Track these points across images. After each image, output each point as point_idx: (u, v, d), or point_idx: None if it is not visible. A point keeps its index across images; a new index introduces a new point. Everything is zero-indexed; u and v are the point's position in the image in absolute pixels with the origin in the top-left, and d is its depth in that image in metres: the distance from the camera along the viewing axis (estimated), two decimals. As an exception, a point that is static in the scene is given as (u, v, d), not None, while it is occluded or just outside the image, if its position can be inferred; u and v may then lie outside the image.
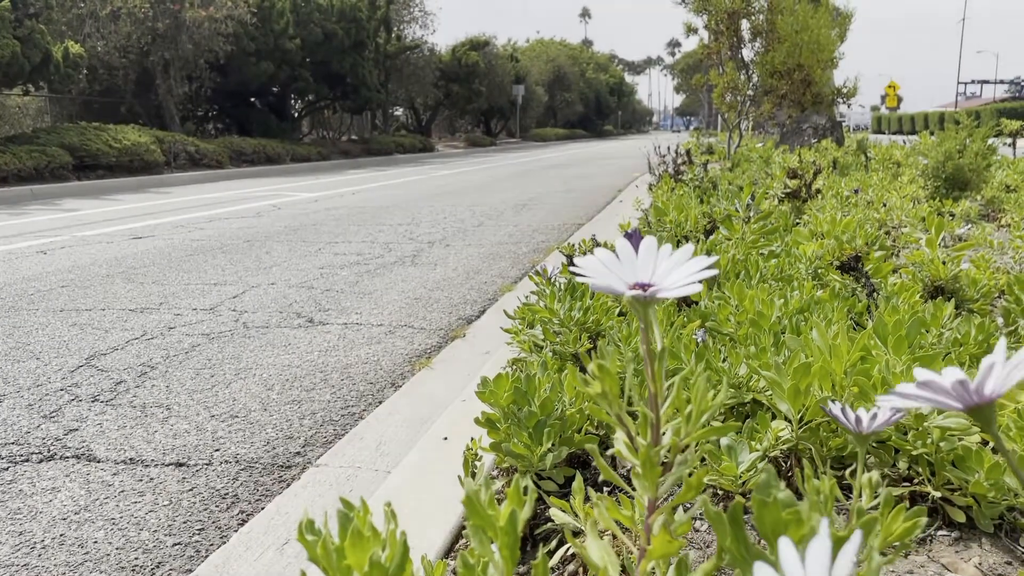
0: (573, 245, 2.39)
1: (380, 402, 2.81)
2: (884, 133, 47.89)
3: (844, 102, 11.01)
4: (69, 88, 16.73)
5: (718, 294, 1.92)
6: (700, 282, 0.52)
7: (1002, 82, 73.58)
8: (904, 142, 10.08)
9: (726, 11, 9.70)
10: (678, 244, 2.38)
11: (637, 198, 6.90)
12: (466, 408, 2.26)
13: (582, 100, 60.53)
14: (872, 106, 74.16)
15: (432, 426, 2.20)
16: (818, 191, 4.98)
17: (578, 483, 1.20)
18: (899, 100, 46.18)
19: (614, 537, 1.21)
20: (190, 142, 17.03)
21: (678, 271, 0.55)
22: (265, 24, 21.19)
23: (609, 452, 0.62)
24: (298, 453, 2.39)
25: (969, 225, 4.60)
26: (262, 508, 2.03)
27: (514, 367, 2.25)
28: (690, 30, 11.24)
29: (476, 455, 1.38)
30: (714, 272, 0.57)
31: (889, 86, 45.61)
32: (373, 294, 4.61)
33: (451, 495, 1.64)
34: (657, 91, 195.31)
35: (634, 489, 0.61)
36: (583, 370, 1.61)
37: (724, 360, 1.52)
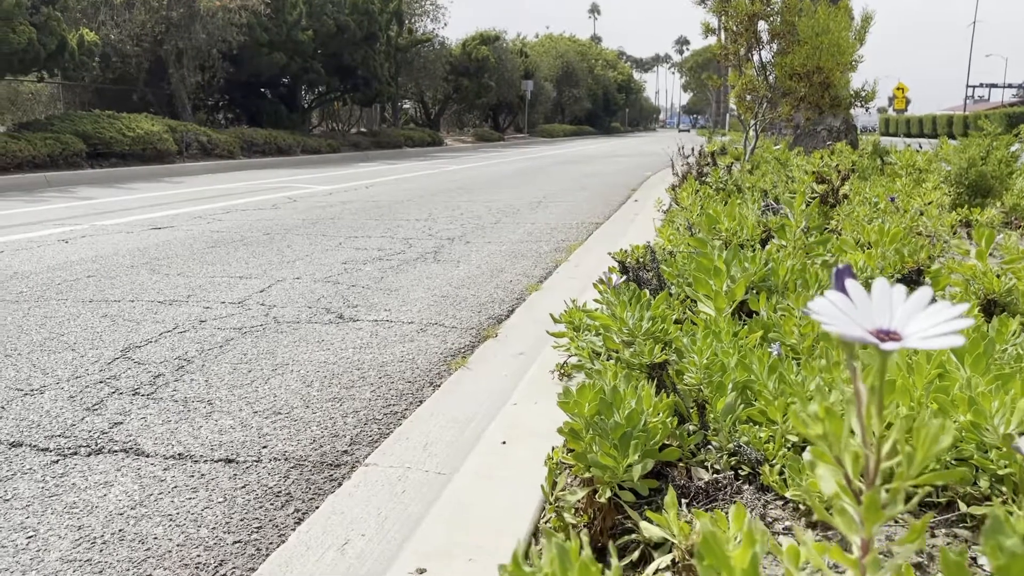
0: (625, 251, 2.40)
1: (421, 401, 2.82)
2: (893, 135, 47.76)
3: (862, 105, 11.00)
4: (83, 75, 16.74)
5: (781, 304, 1.93)
6: (959, 332, 0.53)
7: (1010, 86, 73.33)
8: (919, 146, 10.06)
9: (747, 13, 9.69)
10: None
11: (658, 198, 6.90)
12: (518, 412, 2.26)
13: (590, 96, 60.46)
14: (879, 108, 73.88)
15: (486, 430, 2.20)
16: (845, 196, 4.97)
17: (671, 497, 1.20)
18: (907, 102, 46.07)
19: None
20: (202, 132, 17.05)
21: (920, 318, 0.56)
22: (278, 15, 21.17)
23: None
24: (345, 451, 2.40)
25: (998, 235, 4.60)
26: (316, 507, 2.04)
27: (565, 374, 2.25)
28: (708, 30, 11.22)
29: (557, 465, 1.39)
30: (969, 322, 0.57)
31: (898, 88, 45.46)
32: (399, 291, 4.62)
33: (518, 502, 1.65)
34: (664, 88, 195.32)
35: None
36: (660, 382, 1.62)
37: (798, 374, 1.53)
